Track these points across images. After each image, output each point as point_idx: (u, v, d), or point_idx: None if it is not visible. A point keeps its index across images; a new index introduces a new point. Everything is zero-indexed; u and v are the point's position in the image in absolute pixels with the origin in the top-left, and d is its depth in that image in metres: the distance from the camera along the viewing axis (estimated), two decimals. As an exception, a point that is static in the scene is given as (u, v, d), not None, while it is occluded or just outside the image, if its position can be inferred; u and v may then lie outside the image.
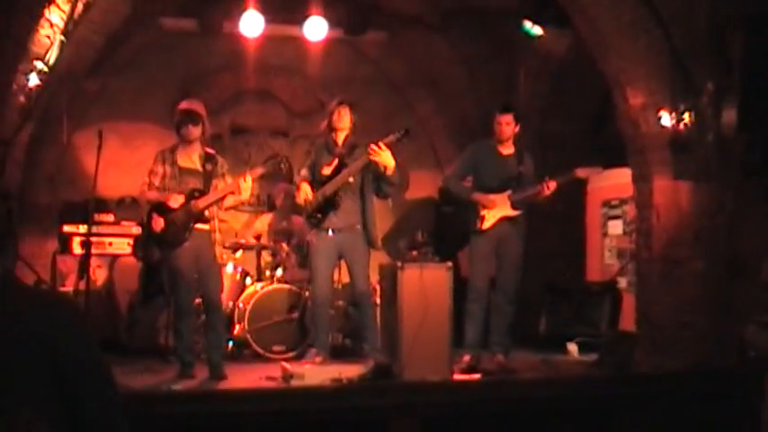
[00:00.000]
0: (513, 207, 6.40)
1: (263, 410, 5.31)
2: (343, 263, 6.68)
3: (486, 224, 6.38)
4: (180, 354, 6.02)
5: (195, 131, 5.99)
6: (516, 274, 6.45)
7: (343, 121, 6.45)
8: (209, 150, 6.20)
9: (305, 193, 6.42)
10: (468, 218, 6.45)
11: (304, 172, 6.62)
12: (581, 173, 6.38)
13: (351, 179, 6.35)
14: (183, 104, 6.13)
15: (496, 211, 6.39)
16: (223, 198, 6.04)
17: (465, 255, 6.84)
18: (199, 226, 5.95)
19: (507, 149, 6.53)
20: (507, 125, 6.44)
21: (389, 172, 6.22)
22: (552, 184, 6.27)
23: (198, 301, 6.35)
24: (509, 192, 6.40)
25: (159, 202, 5.95)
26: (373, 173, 6.33)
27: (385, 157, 6.13)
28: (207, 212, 5.99)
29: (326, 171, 6.44)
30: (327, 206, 6.38)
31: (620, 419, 5.92)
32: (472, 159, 6.62)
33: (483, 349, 6.46)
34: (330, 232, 6.38)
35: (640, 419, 5.87)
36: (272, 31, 8.45)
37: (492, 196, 6.40)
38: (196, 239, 5.93)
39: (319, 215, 6.40)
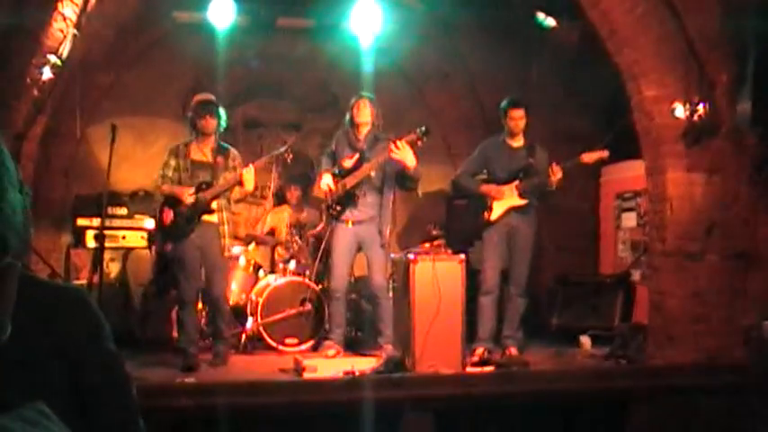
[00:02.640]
0: (521, 196, 6.39)
1: (276, 403, 5.32)
2: (359, 256, 6.71)
3: (495, 214, 6.39)
4: (182, 345, 6.09)
5: (213, 123, 6.08)
6: (527, 266, 6.45)
7: (363, 114, 6.48)
8: (223, 143, 6.26)
9: (327, 183, 6.45)
10: (479, 210, 6.46)
11: (323, 162, 6.68)
12: (587, 158, 6.36)
13: (372, 174, 6.39)
14: (201, 96, 6.19)
15: (504, 201, 6.40)
16: (230, 190, 6.11)
17: (476, 249, 6.84)
18: (206, 218, 6.03)
19: (517, 142, 6.54)
20: (520, 119, 6.45)
21: (410, 171, 6.25)
22: (557, 169, 6.27)
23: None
24: (517, 182, 6.40)
25: (172, 195, 6.03)
26: (396, 170, 6.36)
27: (405, 155, 6.15)
28: (215, 205, 6.05)
29: (347, 164, 6.48)
30: (347, 199, 6.42)
31: (632, 412, 5.91)
32: (482, 156, 6.64)
33: (495, 343, 6.47)
34: (350, 225, 6.43)
35: (653, 412, 5.85)
36: (284, 25, 8.45)
37: (500, 187, 6.42)
38: (202, 231, 6.02)
39: (339, 207, 6.44)
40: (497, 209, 6.41)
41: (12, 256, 1.57)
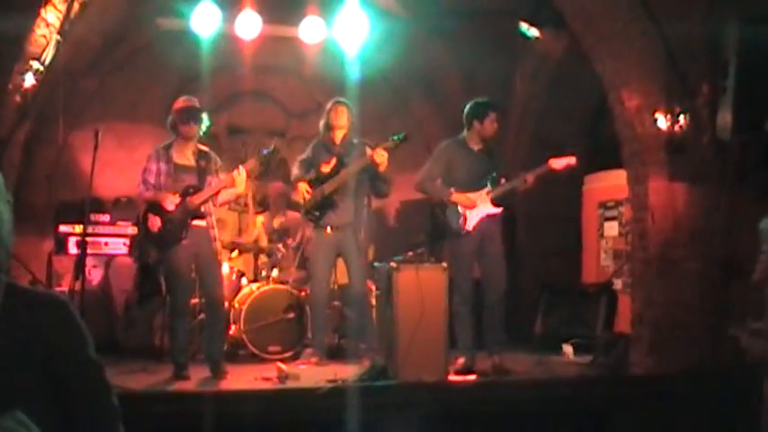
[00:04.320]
0: (495, 204, 6.39)
1: (258, 411, 5.31)
2: (340, 263, 6.71)
3: (470, 224, 6.33)
4: (174, 355, 5.98)
5: (195, 129, 6.00)
6: (504, 271, 6.42)
7: (340, 119, 6.49)
8: (203, 147, 6.18)
9: (303, 191, 6.46)
10: (449, 219, 6.38)
11: (296, 171, 6.66)
12: (554, 164, 6.38)
13: (350, 179, 6.40)
14: (184, 102, 6.10)
15: (479, 210, 6.36)
16: (217, 193, 6.02)
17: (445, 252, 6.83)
18: (196, 222, 5.94)
19: (477, 145, 6.49)
20: (498, 123, 6.46)
21: (382, 168, 6.28)
22: (530, 178, 6.29)
23: (195, 301, 6.34)
24: (488, 189, 6.38)
25: (155, 201, 5.94)
26: (369, 173, 6.36)
27: (384, 160, 6.20)
28: (203, 209, 5.97)
29: (325, 169, 6.49)
30: (325, 204, 6.42)
31: (615, 420, 5.93)
32: (445, 159, 6.51)
33: (477, 350, 6.46)
34: (329, 230, 6.43)
35: (635, 421, 5.88)
36: (268, 32, 8.45)
37: (472, 195, 6.35)
38: (194, 237, 5.91)
39: (317, 213, 6.44)
40: (472, 218, 6.35)
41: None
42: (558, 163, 6.37)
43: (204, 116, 6.07)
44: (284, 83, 9.37)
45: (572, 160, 6.41)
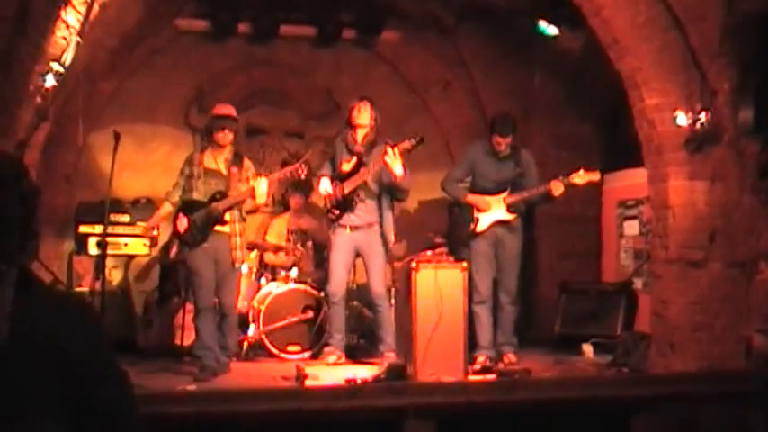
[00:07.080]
0: (509, 210, 6.40)
1: (277, 410, 5.31)
2: (359, 262, 6.70)
3: (480, 227, 6.38)
4: (199, 354, 6.05)
5: (230, 137, 6.13)
6: (516, 275, 6.49)
7: (362, 117, 6.46)
8: (239, 153, 6.30)
9: (325, 188, 6.43)
10: (463, 220, 6.45)
11: (325, 166, 6.69)
12: (577, 179, 6.39)
13: (368, 180, 6.37)
14: (221, 109, 6.23)
15: (491, 214, 6.38)
16: (242, 202, 6.11)
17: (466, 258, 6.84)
18: (218, 228, 6.06)
19: (504, 151, 6.50)
20: (505, 145, 6.45)
21: (397, 180, 6.20)
22: (558, 185, 6.29)
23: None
24: (505, 194, 6.39)
25: (185, 202, 6.05)
26: (389, 179, 6.31)
27: (394, 163, 6.10)
28: (228, 216, 6.06)
29: (345, 168, 6.48)
30: (344, 204, 6.41)
31: (634, 421, 5.89)
32: (468, 163, 6.60)
33: (496, 351, 6.47)
34: (348, 230, 6.42)
35: (655, 421, 5.84)
36: (286, 32, 8.47)
37: (487, 198, 6.39)
38: (214, 242, 6.05)
39: (337, 212, 6.43)
40: (484, 221, 6.39)
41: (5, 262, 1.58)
42: (582, 178, 6.38)
43: (237, 124, 6.25)
44: (302, 84, 9.37)
45: (595, 177, 6.43)
